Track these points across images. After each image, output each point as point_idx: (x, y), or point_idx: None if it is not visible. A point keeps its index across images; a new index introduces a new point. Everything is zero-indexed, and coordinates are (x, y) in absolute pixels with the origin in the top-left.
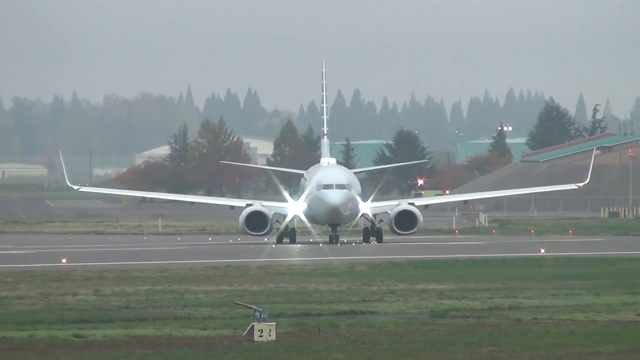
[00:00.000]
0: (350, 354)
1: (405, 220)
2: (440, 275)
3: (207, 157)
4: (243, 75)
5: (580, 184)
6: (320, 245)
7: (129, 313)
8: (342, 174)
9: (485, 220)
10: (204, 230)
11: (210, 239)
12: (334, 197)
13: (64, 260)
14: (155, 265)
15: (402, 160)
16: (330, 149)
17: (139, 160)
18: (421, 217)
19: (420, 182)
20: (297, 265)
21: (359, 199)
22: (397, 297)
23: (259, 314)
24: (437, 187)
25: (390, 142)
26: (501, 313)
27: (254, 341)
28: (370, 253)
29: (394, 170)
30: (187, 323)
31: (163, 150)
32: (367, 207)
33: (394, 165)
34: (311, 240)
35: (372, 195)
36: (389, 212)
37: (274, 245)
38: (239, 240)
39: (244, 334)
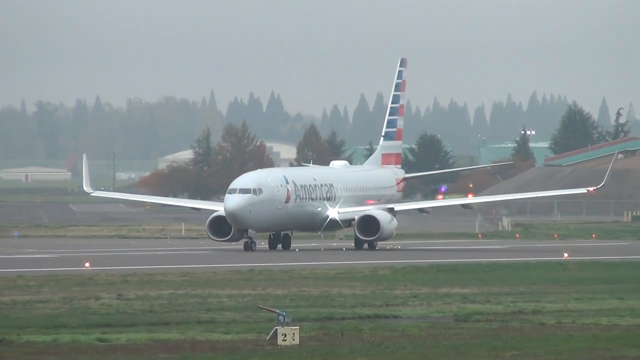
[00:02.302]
0: (374, 358)
1: (369, 225)
2: (464, 279)
3: (230, 161)
4: (266, 80)
5: (591, 189)
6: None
7: (152, 317)
8: (256, 178)
9: (508, 225)
10: None
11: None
12: (230, 202)
13: (87, 264)
14: (178, 269)
15: (425, 164)
16: (353, 153)
17: (162, 164)
18: (387, 223)
19: (444, 186)
20: (320, 270)
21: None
22: (421, 301)
23: (282, 318)
24: (460, 191)
25: (413, 146)
26: (524, 317)
27: (278, 345)
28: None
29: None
30: (210, 327)
31: (186, 155)
32: (335, 212)
33: (447, 170)
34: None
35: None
36: (356, 217)
37: (297, 250)
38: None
39: (268, 338)
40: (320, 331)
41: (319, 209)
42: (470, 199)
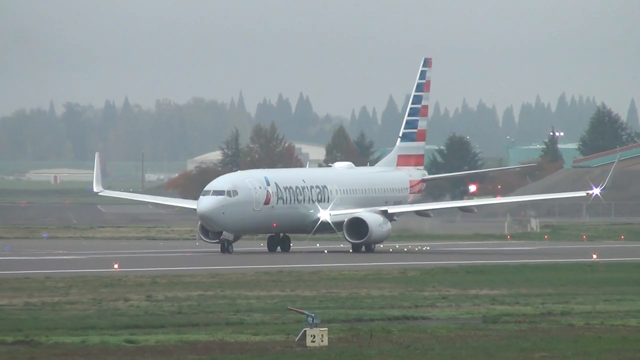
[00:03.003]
0: (402, 359)
1: (358, 228)
2: (493, 280)
3: (258, 162)
4: (295, 81)
5: (591, 192)
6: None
7: (181, 318)
8: (232, 179)
9: (537, 226)
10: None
11: (262, 244)
12: (201, 204)
13: (116, 266)
14: (207, 271)
15: (454, 165)
16: (382, 154)
17: (191, 165)
18: (376, 226)
19: (473, 187)
20: (349, 271)
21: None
22: (449, 302)
23: (311, 319)
24: (488, 193)
25: (442, 147)
26: (553, 318)
27: (306, 347)
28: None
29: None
30: (239, 328)
31: (215, 156)
32: (326, 214)
33: (468, 172)
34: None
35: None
36: (346, 220)
37: (325, 251)
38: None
39: (296, 340)
40: (349, 332)
41: (311, 211)
42: (471, 201)
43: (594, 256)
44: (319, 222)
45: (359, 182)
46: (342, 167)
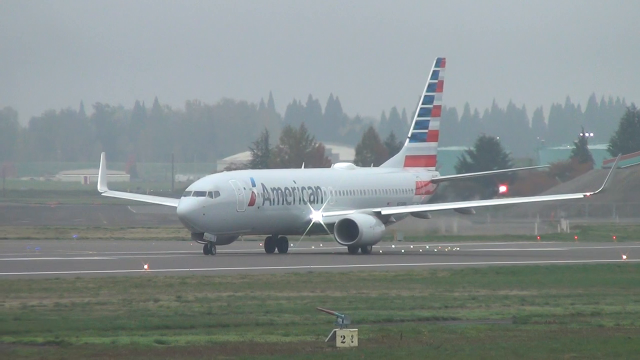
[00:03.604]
0: None
1: (348, 229)
2: (523, 281)
3: (288, 163)
4: (324, 82)
5: (588, 194)
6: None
7: (211, 319)
8: (215, 180)
9: (567, 227)
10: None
11: (292, 245)
12: (181, 205)
13: (146, 266)
14: (237, 271)
15: (484, 166)
16: None
17: (221, 166)
18: (367, 227)
19: (503, 188)
20: (379, 272)
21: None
22: (479, 303)
23: (341, 320)
24: (518, 193)
25: (471, 148)
26: (583, 319)
27: (336, 347)
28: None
29: (475, 177)
30: (269, 329)
31: (245, 156)
32: (319, 216)
33: (479, 173)
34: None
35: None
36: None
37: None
38: (320, 246)
39: (326, 340)
40: (379, 333)
41: (303, 213)
42: (469, 203)
43: (624, 257)
44: (311, 223)
45: (358, 183)
46: (341, 167)
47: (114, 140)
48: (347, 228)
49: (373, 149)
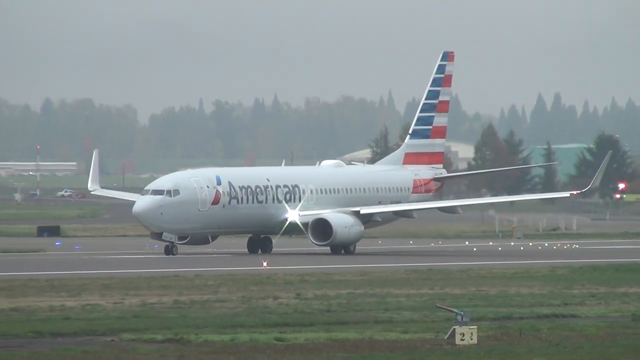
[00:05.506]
0: (552, 357)
1: (323, 229)
2: None
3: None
4: None
5: (575, 192)
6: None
7: (330, 316)
8: (175, 178)
9: None
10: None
11: (411, 242)
12: (137, 204)
13: (265, 264)
14: (357, 269)
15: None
16: (531, 152)
17: None
18: (342, 227)
19: (622, 185)
20: (498, 269)
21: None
22: (598, 300)
23: (460, 317)
24: (637, 191)
25: (591, 145)
26: None
27: (456, 344)
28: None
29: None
30: (388, 327)
31: (364, 154)
32: (295, 215)
33: (487, 170)
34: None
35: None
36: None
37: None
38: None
39: (446, 338)
40: (498, 331)
41: (278, 211)
42: (452, 202)
43: None
44: (287, 222)
45: (344, 182)
46: (328, 165)
47: (233, 137)
48: (323, 228)
49: (492, 147)
